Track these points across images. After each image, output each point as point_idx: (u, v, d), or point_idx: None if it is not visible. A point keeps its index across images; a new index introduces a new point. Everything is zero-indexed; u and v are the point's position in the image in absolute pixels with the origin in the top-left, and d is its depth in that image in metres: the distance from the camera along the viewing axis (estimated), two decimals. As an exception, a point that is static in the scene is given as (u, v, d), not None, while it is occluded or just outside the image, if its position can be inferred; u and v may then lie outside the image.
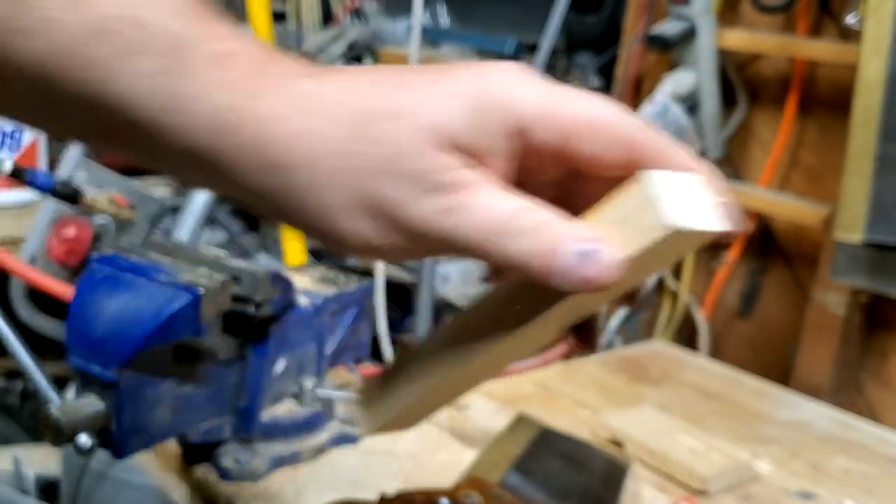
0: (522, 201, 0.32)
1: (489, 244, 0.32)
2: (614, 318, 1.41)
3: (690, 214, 0.31)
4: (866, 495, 0.81)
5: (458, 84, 0.33)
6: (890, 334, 1.21)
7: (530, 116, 0.32)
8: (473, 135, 0.32)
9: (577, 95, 0.33)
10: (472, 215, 0.32)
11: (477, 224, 0.32)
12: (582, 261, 0.31)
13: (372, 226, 0.33)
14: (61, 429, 0.57)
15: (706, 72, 1.29)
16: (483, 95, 0.32)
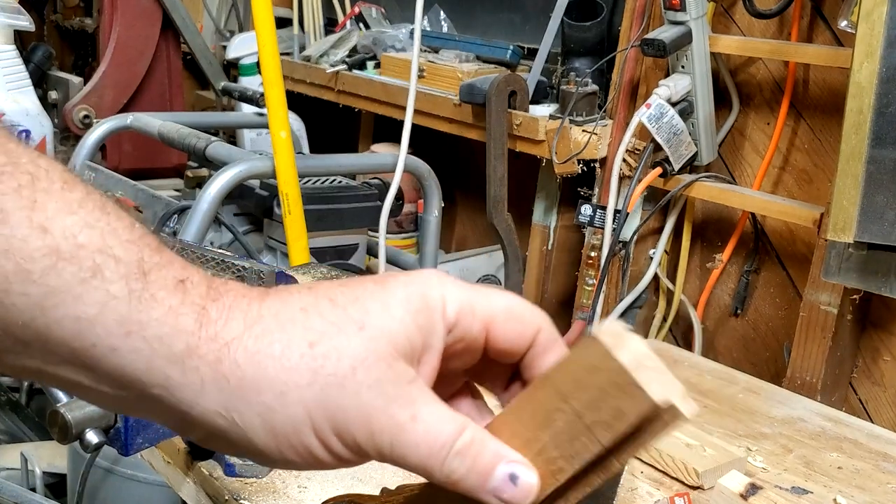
0: (458, 417, 0.35)
1: (433, 466, 0.34)
2: (610, 317, 1.42)
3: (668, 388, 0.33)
4: (858, 491, 0.82)
5: (396, 294, 0.35)
6: (881, 333, 1.23)
7: (459, 311, 0.36)
8: (416, 336, 0.35)
9: (492, 291, 0.38)
10: (420, 435, 0.34)
11: (422, 446, 0.34)
12: (510, 482, 0.34)
13: (324, 442, 0.34)
14: (68, 426, 0.58)
15: (700, 76, 1.31)
16: (420, 300, 0.35)
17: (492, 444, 0.35)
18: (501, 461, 0.35)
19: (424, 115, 1.62)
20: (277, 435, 0.34)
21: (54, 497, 1.48)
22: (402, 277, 0.36)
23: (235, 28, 2.40)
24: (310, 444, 0.34)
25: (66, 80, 2.03)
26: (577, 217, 1.46)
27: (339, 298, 0.35)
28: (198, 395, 0.33)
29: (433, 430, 0.34)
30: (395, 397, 0.34)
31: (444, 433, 0.34)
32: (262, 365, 0.33)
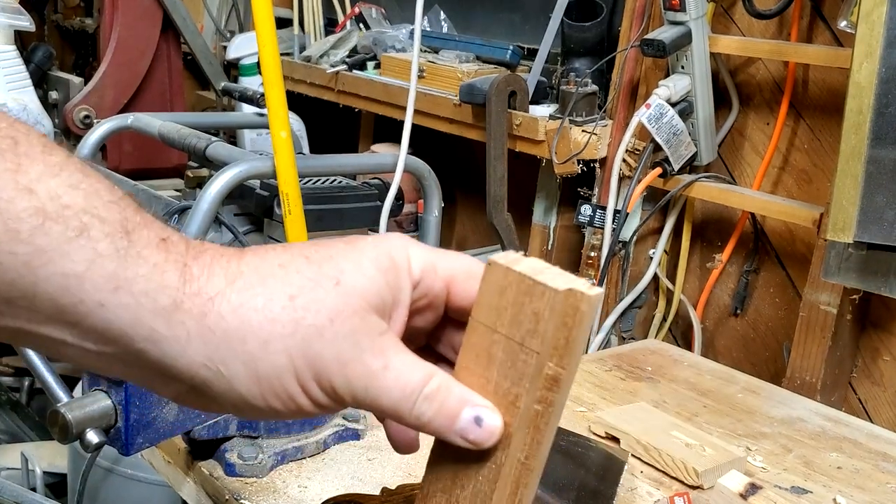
0: (426, 365, 0.38)
1: (403, 409, 0.37)
2: (610, 317, 1.42)
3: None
4: (858, 491, 0.82)
5: (367, 254, 0.38)
6: (881, 333, 1.23)
7: (423, 269, 0.39)
8: (386, 292, 0.38)
9: (453, 253, 0.41)
10: (392, 381, 0.37)
11: (394, 391, 0.37)
12: (475, 423, 0.37)
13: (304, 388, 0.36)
14: (69, 426, 0.58)
15: (700, 76, 1.31)
16: (388, 260, 0.38)
17: (457, 389, 0.38)
18: (467, 405, 0.37)
19: (424, 116, 1.63)
20: (261, 382, 0.36)
21: (55, 497, 1.48)
22: (370, 239, 0.39)
23: (236, 28, 2.40)
24: (292, 390, 0.36)
25: (66, 81, 2.03)
26: (576, 217, 1.46)
27: (313, 256, 0.37)
28: (184, 348, 0.35)
29: (403, 377, 0.37)
30: (369, 347, 0.36)
31: (413, 380, 0.37)
32: (247, 317, 0.35)
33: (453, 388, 0.38)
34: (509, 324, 0.36)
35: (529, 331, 0.36)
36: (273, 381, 0.36)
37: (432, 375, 0.38)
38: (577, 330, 0.35)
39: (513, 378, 0.37)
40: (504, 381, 0.37)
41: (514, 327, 0.36)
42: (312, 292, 0.36)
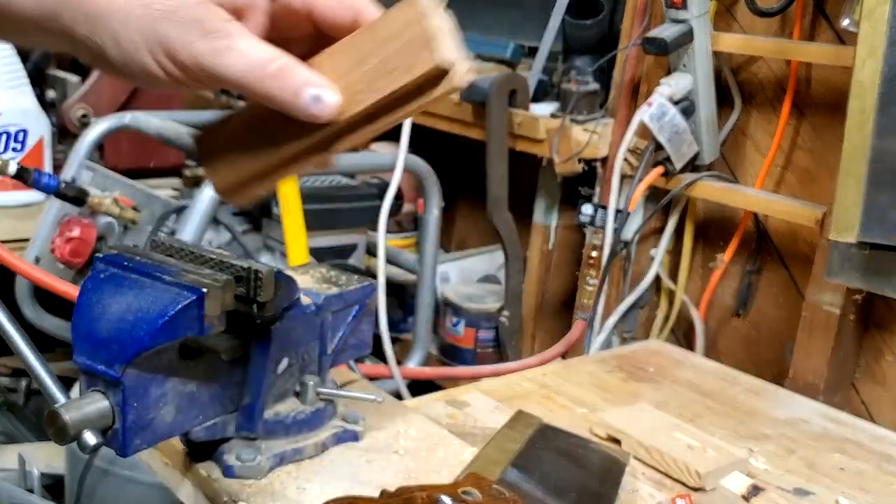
0: (274, 50, 0.45)
1: (248, 82, 0.45)
2: (612, 317, 1.42)
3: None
4: (861, 492, 0.82)
5: None
6: (884, 333, 1.22)
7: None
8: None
9: None
10: (236, 58, 0.44)
11: (238, 65, 0.44)
12: (314, 101, 0.45)
13: (158, 62, 0.45)
14: (66, 427, 0.57)
15: (702, 75, 1.30)
16: None
17: (302, 71, 0.45)
18: (309, 85, 0.45)
19: (424, 114, 1.62)
20: (124, 53, 0.45)
21: (52, 498, 1.48)
22: None
23: (235, 27, 2.39)
24: (147, 61, 0.45)
25: (63, 79, 2.03)
26: (577, 217, 1.46)
27: None
28: (74, 25, 0.45)
29: (247, 56, 0.45)
30: (212, 30, 0.44)
31: (258, 58, 0.45)
32: (110, 4, 0.45)
33: (297, 70, 0.45)
34: (393, 52, 0.44)
35: (402, 69, 0.43)
36: (133, 54, 0.45)
37: (278, 57, 0.45)
38: (430, 98, 0.44)
39: (369, 87, 0.45)
40: (361, 83, 0.45)
41: (394, 57, 0.44)
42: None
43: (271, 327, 0.66)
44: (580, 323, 1.47)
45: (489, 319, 1.59)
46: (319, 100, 0.45)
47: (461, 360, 1.61)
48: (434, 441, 0.73)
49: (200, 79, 0.45)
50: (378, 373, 1.34)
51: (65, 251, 1.27)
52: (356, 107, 0.45)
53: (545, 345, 1.60)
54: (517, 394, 0.95)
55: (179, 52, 0.44)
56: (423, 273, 1.52)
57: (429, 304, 1.53)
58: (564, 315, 1.60)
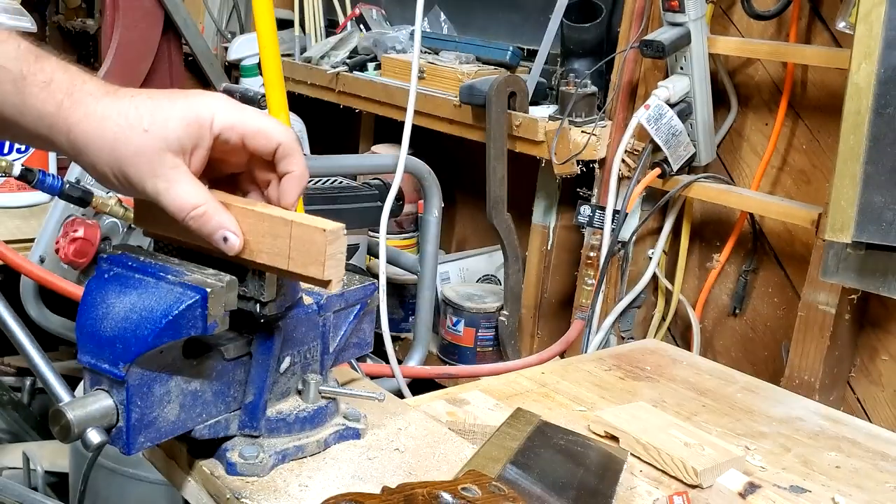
0: (202, 196, 0.59)
1: (178, 217, 0.59)
2: (609, 317, 1.43)
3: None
4: (856, 490, 0.82)
5: (180, 108, 0.59)
6: (879, 332, 1.23)
7: (223, 126, 0.60)
8: (186, 139, 0.59)
9: (256, 115, 0.61)
10: (172, 198, 0.59)
11: (174, 204, 0.59)
12: (224, 241, 0.60)
13: (123, 186, 0.60)
14: (70, 425, 0.58)
15: (699, 77, 1.31)
16: (194, 114, 0.59)
17: (218, 217, 0.60)
18: (220, 229, 0.60)
19: (425, 116, 1.63)
20: (97, 176, 0.61)
21: (56, 496, 1.49)
22: (189, 97, 0.59)
23: (237, 29, 2.40)
24: (114, 184, 0.60)
25: (67, 82, 2.03)
26: (576, 217, 1.47)
27: (140, 107, 0.58)
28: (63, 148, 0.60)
29: (179, 199, 0.59)
30: (161, 175, 0.58)
31: (187, 203, 0.59)
32: (87, 144, 0.58)
33: (215, 215, 0.60)
34: (296, 249, 0.60)
35: (298, 262, 0.60)
36: (103, 179, 0.60)
37: (202, 203, 0.59)
38: (307, 282, 0.62)
39: (269, 252, 0.61)
40: (264, 247, 0.61)
41: (296, 252, 0.60)
42: (129, 132, 0.58)
43: (274, 326, 0.67)
44: (578, 322, 1.48)
45: (489, 319, 1.60)
46: (228, 240, 0.60)
47: (461, 359, 1.61)
48: (434, 438, 0.74)
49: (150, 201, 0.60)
50: (379, 371, 1.35)
51: (69, 251, 1.28)
52: (256, 257, 0.61)
53: (544, 344, 1.61)
54: (516, 392, 0.96)
55: (135, 184, 0.59)
56: (424, 273, 1.52)
57: (429, 304, 1.54)
58: (563, 314, 1.61)
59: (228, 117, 0.60)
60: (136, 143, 0.57)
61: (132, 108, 0.58)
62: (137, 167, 0.58)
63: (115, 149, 0.57)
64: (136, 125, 0.57)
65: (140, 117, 0.58)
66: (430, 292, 1.53)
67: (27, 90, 0.58)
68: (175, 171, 0.58)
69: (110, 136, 0.58)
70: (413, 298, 1.64)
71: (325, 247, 0.59)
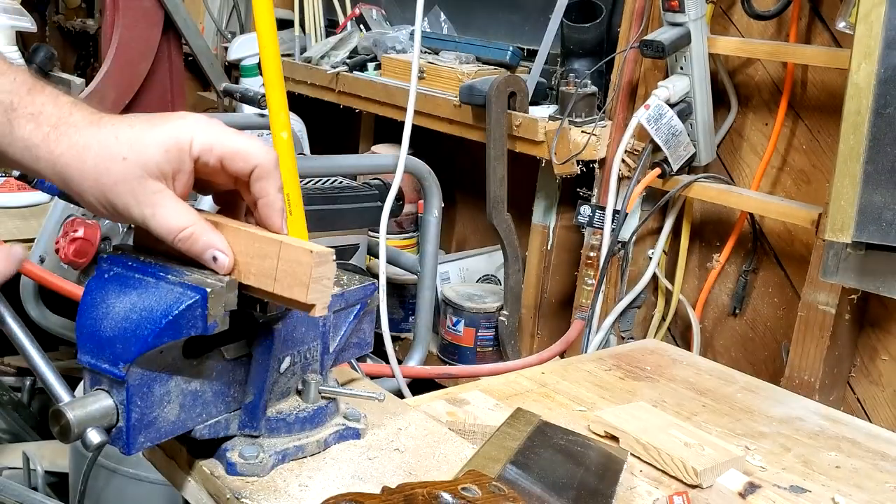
0: (189, 217, 0.60)
1: (167, 239, 0.60)
2: (609, 317, 1.43)
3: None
4: (856, 490, 0.82)
5: (158, 134, 0.59)
6: (879, 332, 1.23)
7: (201, 149, 0.60)
8: (165, 165, 0.59)
9: (235, 136, 0.61)
10: (159, 222, 0.60)
11: (161, 227, 0.60)
12: (214, 259, 0.61)
13: (110, 214, 0.61)
14: (70, 425, 0.58)
15: (699, 77, 1.31)
16: (173, 139, 0.59)
17: (207, 237, 0.60)
18: (210, 248, 0.60)
19: (425, 116, 1.63)
20: (84, 204, 0.61)
21: (56, 496, 1.49)
22: (169, 122, 0.60)
23: (237, 29, 2.40)
24: (101, 213, 0.61)
25: (68, 81, 2.03)
26: (576, 217, 1.47)
27: (121, 135, 0.59)
28: (50, 178, 0.61)
29: (166, 222, 0.60)
30: (144, 201, 0.59)
31: (174, 226, 0.60)
32: (72, 175, 0.59)
33: (203, 236, 0.60)
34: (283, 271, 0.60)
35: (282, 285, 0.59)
36: (90, 207, 0.61)
37: (189, 224, 0.60)
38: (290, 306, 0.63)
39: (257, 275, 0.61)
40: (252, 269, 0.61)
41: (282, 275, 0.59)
42: (109, 161, 0.58)
43: (274, 326, 0.67)
44: (578, 322, 1.48)
45: (489, 319, 1.60)
46: (217, 259, 0.61)
47: (461, 359, 1.62)
48: (434, 438, 0.74)
49: (138, 226, 0.61)
50: (379, 371, 1.35)
51: (69, 251, 1.28)
52: (244, 278, 0.62)
53: (544, 344, 1.61)
54: (516, 392, 0.96)
55: (122, 212, 0.60)
56: (424, 273, 1.53)
57: (429, 304, 1.54)
58: (563, 314, 1.61)
59: (206, 139, 0.60)
60: (116, 171, 0.58)
61: (112, 137, 0.59)
62: (120, 195, 0.59)
63: (97, 178, 0.58)
64: (116, 154, 0.58)
65: (119, 146, 0.58)
66: (430, 292, 1.53)
67: (16, 121, 0.59)
68: (159, 195, 0.59)
69: (91, 166, 0.59)
70: (413, 298, 1.64)
71: (311, 269, 0.58)
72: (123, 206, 0.59)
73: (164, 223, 0.59)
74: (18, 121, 0.59)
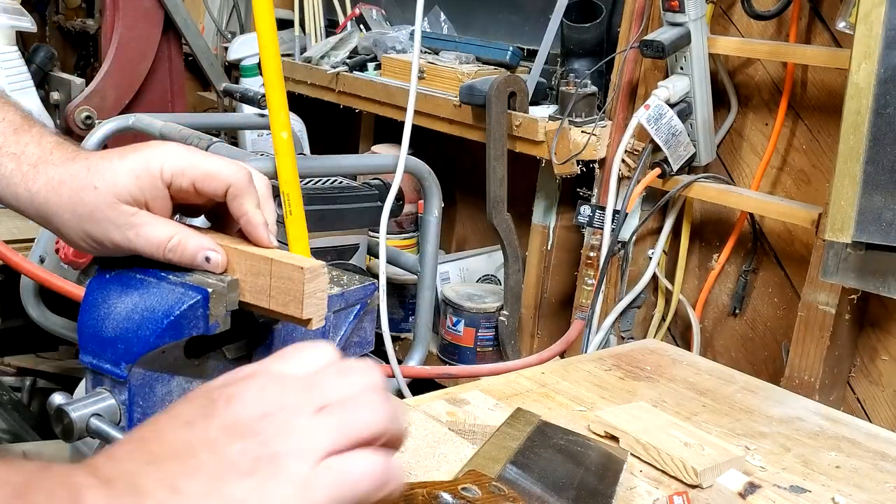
0: (172, 228, 0.60)
1: (156, 255, 0.60)
2: (609, 317, 1.43)
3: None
4: (856, 490, 0.82)
5: (129, 162, 0.60)
6: (879, 332, 1.23)
7: (172, 173, 0.60)
8: (137, 191, 0.59)
9: (206, 157, 0.61)
10: (144, 240, 0.60)
11: (147, 245, 0.60)
12: (207, 261, 0.61)
13: (91, 247, 0.61)
14: (72, 425, 0.58)
15: (699, 77, 1.31)
16: (143, 166, 0.60)
17: (194, 241, 0.61)
18: (200, 251, 0.61)
19: (425, 116, 1.63)
20: (66, 240, 0.63)
21: (56, 496, 1.48)
22: (139, 150, 0.61)
23: (237, 29, 2.40)
24: (82, 246, 0.62)
25: (68, 81, 2.04)
26: (576, 217, 1.47)
27: (92, 167, 0.60)
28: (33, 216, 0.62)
29: (150, 238, 0.60)
30: (123, 224, 0.59)
31: (159, 239, 0.60)
32: (50, 210, 0.61)
33: (191, 240, 0.60)
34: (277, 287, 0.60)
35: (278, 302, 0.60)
36: (71, 242, 0.62)
37: (174, 234, 0.60)
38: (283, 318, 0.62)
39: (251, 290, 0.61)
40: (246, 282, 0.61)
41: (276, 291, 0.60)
42: (82, 192, 0.60)
43: (274, 327, 0.67)
44: (578, 322, 1.48)
45: (489, 319, 1.60)
46: (210, 259, 0.61)
47: (461, 359, 1.62)
48: (434, 439, 0.74)
49: (124, 252, 0.61)
50: (379, 372, 1.35)
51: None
52: (240, 296, 0.62)
53: (544, 344, 1.61)
54: (516, 392, 0.96)
55: (104, 242, 0.60)
56: (424, 273, 1.53)
57: (429, 304, 1.54)
58: (563, 314, 1.61)
59: (177, 164, 0.60)
60: (89, 201, 0.59)
61: (84, 169, 0.60)
62: (98, 224, 0.59)
63: (73, 210, 0.60)
64: (87, 184, 0.59)
65: (90, 176, 0.60)
66: (430, 292, 1.53)
67: (2, 161, 0.62)
68: (136, 216, 0.59)
69: (66, 199, 0.60)
70: (413, 298, 1.64)
71: (304, 285, 0.58)
72: (104, 234, 0.60)
73: (148, 239, 0.60)
74: (1, 159, 0.62)
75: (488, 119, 1.46)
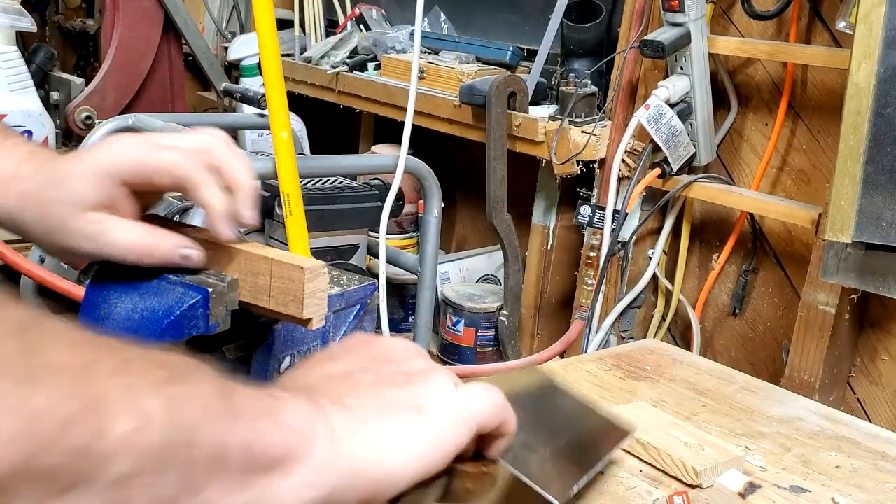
0: (141, 230, 0.58)
1: (134, 258, 0.58)
2: (609, 317, 1.43)
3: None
4: (856, 490, 0.82)
5: (84, 167, 0.57)
6: (879, 332, 1.23)
7: (123, 173, 0.57)
8: (100, 197, 0.57)
9: (157, 151, 0.58)
10: (117, 245, 0.57)
11: (120, 250, 0.58)
12: (185, 258, 0.59)
13: (66, 255, 0.60)
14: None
15: (699, 77, 1.31)
16: (94, 170, 0.57)
17: (167, 240, 0.58)
18: (175, 249, 0.59)
19: (425, 116, 1.63)
20: (48, 253, 0.64)
21: (56, 496, 1.49)
22: (92, 151, 0.58)
23: (237, 29, 2.40)
24: (57, 255, 0.62)
25: (68, 81, 2.04)
26: (576, 217, 1.47)
27: (56, 179, 0.58)
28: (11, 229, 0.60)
29: (121, 243, 0.57)
30: (90, 232, 0.57)
31: (131, 243, 0.58)
32: (23, 226, 0.58)
33: (162, 241, 0.58)
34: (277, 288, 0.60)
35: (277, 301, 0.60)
36: (51, 254, 0.64)
37: (146, 234, 0.58)
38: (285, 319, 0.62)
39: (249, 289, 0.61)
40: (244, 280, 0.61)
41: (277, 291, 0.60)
42: (46, 206, 0.57)
43: (274, 326, 0.67)
44: (578, 322, 1.48)
45: (489, 319, 1.60)
46: (188, 256, 0.59)
47: (461, 359, 1.62)
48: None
49: (99, 258, 0.60)
50: (379, 372, 1.35)
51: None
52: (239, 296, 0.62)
53: (544, 344, 1.61)
54: (516, 392, 0.96)
55: (77, 252, 0.58)
56: (424, 273, 1.53)
57: (429, 304, 1.54)
58: (563, 314, 1.61)
59: (129, 161, 0.58)
60: (54, 215, 0.57)
61: (48, 182, 0.59)
62: (67, 235, 0.57)
63: (42, 226, 0.58)
64: (51, 198, 0.58)
65: (50, 190, 0.58)
66: (430, 292, 1.53)
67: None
68: (102, 223, 0.57)
69: (35, 215, 0.58)
70: (413, 298, 1.64)
71: (304, 285, 0.58)
72: (76, 246, 0.57)
73: (120, 245, 0.57)
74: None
75: (488, 119, 1.46)
